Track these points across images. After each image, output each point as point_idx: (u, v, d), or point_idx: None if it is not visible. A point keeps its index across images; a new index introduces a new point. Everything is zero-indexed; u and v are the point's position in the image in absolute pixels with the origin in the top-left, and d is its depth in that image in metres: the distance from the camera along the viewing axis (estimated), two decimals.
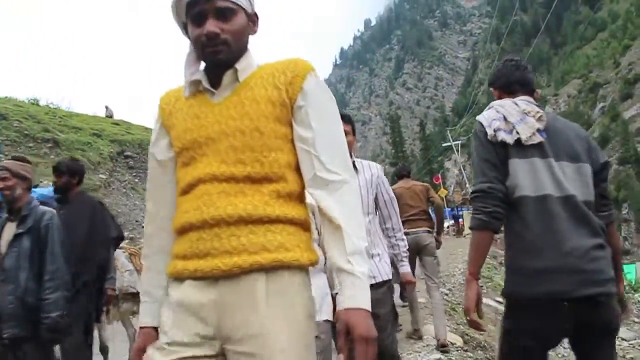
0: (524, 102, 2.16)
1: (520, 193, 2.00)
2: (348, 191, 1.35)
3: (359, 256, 1.28)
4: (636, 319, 8.43)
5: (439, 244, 6.18)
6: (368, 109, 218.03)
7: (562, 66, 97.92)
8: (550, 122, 2.11)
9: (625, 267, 16.22)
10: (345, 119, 3.08)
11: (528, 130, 2.04)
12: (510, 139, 2.04)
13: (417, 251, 5.67)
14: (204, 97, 1.43)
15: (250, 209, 1.29)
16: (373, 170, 3.22)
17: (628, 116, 67.01)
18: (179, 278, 1.34)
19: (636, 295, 10.16)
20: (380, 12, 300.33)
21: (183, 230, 1.35)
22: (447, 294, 8.74)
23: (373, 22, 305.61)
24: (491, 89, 2.42)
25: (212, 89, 1.41)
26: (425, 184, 6.50)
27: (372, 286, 2.88)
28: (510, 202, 2.01)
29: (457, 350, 5.38)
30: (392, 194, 3.30)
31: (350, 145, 3.03)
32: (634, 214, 55.34)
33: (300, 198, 1.41)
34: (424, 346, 5.40)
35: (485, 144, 2.09)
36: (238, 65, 1.39)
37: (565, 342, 2.17)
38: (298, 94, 1.38)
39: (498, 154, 2.06)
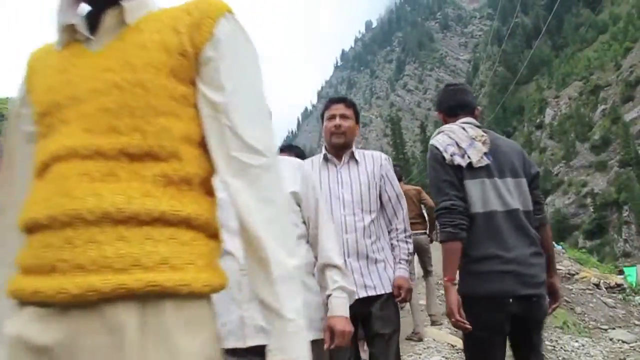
0: (470, 126, 2.47)
1: (472, 210, 2.32)
2: (272, 182, 0.98)
3: (287, 285, 0.93)
4: (637, 321, 8.41)
5: (432, 240, 6.78)
6: (369, 110, 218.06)
7: (563, 68, 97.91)
8: (493, 143, 2.44)
9: (626, 269, 16.26)
10: (348, 102, 2.81)
11: (477, 155, 2.35)
12: (463, 163, 2.34)
13: (415, 253, 5.84)
14: (80, 47, 1.02)
15: (121, 201, 0.86)
16: (376, 160, 2.78)
17: (629, 118, 66.98)
18: (20, 300, 0.91)
19: (636, 297, 10.13)
20: (382, 14, 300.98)
21: (28, 230, 0.93)
22: None
23: (374, 24, 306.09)
24: (437, 112, 2.76)
25: (90, 36, 1.01)
26: (417, 187, 6.74)
27: (373, 298, 2.56)
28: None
29: (458, 352, 5.39)
30: (400, 190, 2.82)
31: (353, 133, 2.77)
32: (634, 216, 55.27)
33: (205, 187, 1.00)
34: (424, 348, 5.42)
35: (444, 165, 2.38)
36: (125, 2, 1.00)
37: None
38: (207, 41, 0.98)
39: (456, 175, 2.35)
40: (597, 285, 10.55)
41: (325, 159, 2.80)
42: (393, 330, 2.61)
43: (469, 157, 2.34)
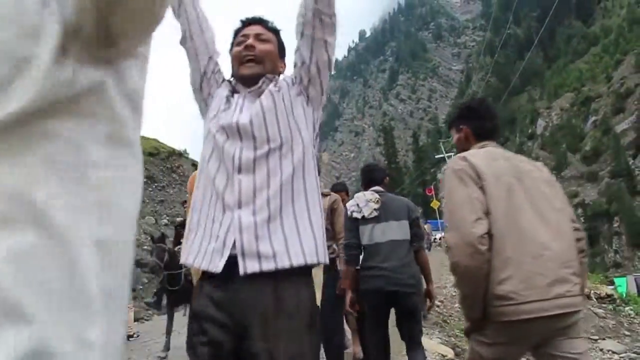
0: (370, 193, 3.94)
1: (364, 242, 3.83)
2: None
3: None
4: (627, 332, 8.43)
5: None
6: (362, 120, 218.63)
7: (554, 79, 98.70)
8: (384, 202, 3.86)
9: (616, 280, 16.34)
10: (268, 24, 1.97)
11: (369, 210, 3.82)
12: (359, 216, 3.85)
13: None
14: None
15: None
16: (288, 80, 1.84)
17: (620, 130, 67.51)
18: None
19: (627, 308, 10.15)
20: (375, 24, 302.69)
21: None
22: (438, 306, 8.73)
23: (368, 34, 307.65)
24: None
25: None
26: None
27: (271, 276, 1.48)
28: (362, 248, 3.86)
29: None
30: None
31: (273, 62, 1.88)
32: (625, 227, 55.58)
33: None
34: None
35: (348, 218, 3.92)
36: None
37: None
38: None
39: (353, 224, 3.88)
40: (588, 296, 10.57)
41: (229, 93, 1.84)
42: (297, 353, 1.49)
43: (363, 212, 3.82)
